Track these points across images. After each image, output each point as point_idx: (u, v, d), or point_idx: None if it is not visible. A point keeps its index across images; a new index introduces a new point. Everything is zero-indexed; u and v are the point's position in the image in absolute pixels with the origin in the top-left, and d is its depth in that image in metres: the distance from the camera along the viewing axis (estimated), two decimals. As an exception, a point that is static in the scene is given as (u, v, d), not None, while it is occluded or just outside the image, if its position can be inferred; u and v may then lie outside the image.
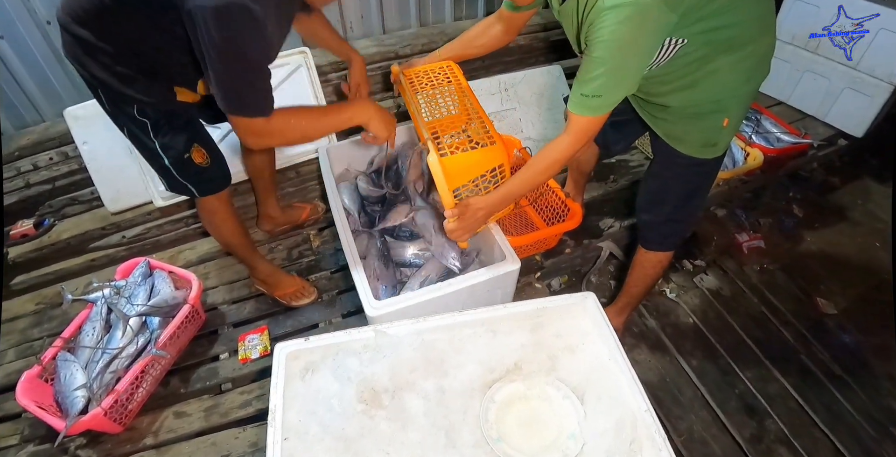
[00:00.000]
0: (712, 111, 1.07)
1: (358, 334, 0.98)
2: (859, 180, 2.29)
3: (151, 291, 1.43)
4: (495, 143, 1.17)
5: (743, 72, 1.02)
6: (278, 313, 1.56)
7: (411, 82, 1.36)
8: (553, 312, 1.06)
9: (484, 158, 1.15)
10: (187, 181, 1.22)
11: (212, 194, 1.27)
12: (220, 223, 1.35)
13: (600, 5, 0.85)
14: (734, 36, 0.97)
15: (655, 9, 0.84)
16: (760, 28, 1.00)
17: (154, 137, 1.12)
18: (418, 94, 1.34)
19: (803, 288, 1.73)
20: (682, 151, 1.14)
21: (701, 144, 1.12)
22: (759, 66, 1.05)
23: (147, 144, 1.14)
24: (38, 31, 1.63)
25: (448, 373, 0.97)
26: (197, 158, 1.18)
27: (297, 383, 0.94)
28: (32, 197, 1.78)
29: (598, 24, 0.86)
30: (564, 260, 1.70)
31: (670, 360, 1.50)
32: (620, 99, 0.96)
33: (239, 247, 1.43)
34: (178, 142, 1.15)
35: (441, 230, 1.38)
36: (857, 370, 1.48)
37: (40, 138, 1.76)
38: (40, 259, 1.74)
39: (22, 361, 1.51)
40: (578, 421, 0.92)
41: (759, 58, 1.03)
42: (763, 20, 1.01)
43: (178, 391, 1.39)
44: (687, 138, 1.13)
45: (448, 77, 1.36)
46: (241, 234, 1.40)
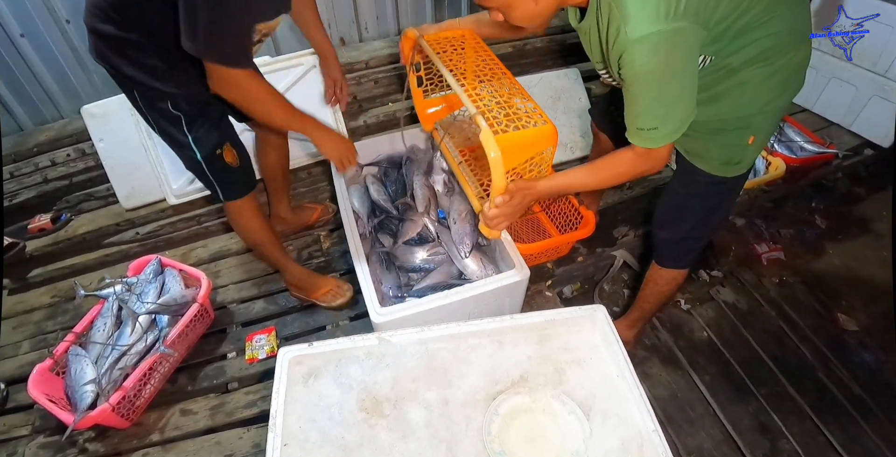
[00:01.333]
0: (738, 127, 1.01)
1: (361, 342, 0.97)
2: (885, 192, 2.20)
3: (162, 289, 1.44)
4: (546, 122, 1.06)
5: (774, 86, 0.96)
6: (286, 314, 1.56)
7: (437, 51, 1.22)
8: (561, 325, 1.04)
9: (537, 137, 1.05)
10: (215, 179, 1.23)
11: (237, 199, 1.28)
12: (247, 222, 1.34)
13: (625, 38, 0.80)
14: (767, 47, 0.91)
15: (685, 31, 0.79)
16: (795, 39, 0.94)
17: (188, 130, 1.13)
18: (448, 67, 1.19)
19: (824, 303, 1.67)
20: (702, 168, 1.08)
21: (723, 161, 1.06)
22: (791, 80, 0.98)
23: (180, 138, 1.15)
24: (58, 30, 1.66)
25: (451, 383, 0.96)
26: (228, 156, 1.20)
27: (298, 388, 0.93)
28: (50, 192, 1.81)
29: (629, 59, 0.81)
30: (576, 268, 1.67)
31: (682, 374, 1.46)
32: (682, 123, 0.90)
33: (267, 246, 1.41)
34: (212, 137, 1.16)
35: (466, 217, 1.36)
36: (878, 391, 1.42)
37: (58, 135, 1.80)
38: (57, 253, 1.78)
39: (35, 353, 1.54)
40: (584, 438, 0.89)
41: (791, 70, 0.96)
42: (798, 31, 0.94)
43: (185, 389, 1.40)
44: (708, 155, 1.07)
45: (475, 48, 1.24)
46: (268, 232, 1.39)
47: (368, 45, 2.01)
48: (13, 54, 1.65)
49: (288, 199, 1.71)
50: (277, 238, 1.44)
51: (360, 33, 2.04)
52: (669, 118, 0.89)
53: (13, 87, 1.72)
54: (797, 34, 0.94)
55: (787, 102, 1.02)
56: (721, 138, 1.03)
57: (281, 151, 1.55)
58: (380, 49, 1.99)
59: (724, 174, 1.07)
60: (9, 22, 1.58)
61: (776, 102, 0.99)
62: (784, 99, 1.00)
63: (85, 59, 1.74)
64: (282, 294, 1.61)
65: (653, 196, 1.93)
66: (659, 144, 0.92)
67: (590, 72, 2.22)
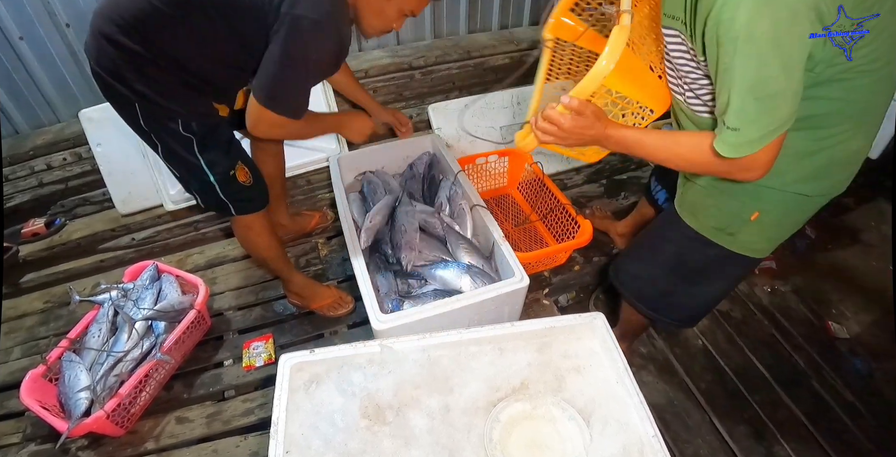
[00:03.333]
0: (746, 194, 0.86)
1: (363, 348, 0.97)
2: (873, 202, 2.25)
3: (158, 295, 1.43)
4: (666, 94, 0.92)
5: (809, 166, 0.79)
6: (284, 321, 1.55)
7: None
8: (561, 332, 1.05)
9: (656, 89, 0.92)
10: (228, 199, 1.19)
11: (250, 214, 1.26)
12: (255, 238, 1.32)
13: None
14: (830, 113, 0.75)
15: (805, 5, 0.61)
16: (857, 125, 0.77)
17: (200, 153, 1.10)
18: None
19: (815, 311, 1.70)
20: (688, 222, 0.97)
21: (715, 225, 0.93)
22: (827, 173, 0.80)
23: (190, 160, 1.11)
24: (57, 33, 1.66)
25: (453, 390, 0.96)
26: (241, 176, 1.18)
27: (300, 395, 0.93)
28: (45, 196, 1.80)
29: (728, 13, 0.61)
30: (573, 277, 1.69)
31: (678, 382, 1.47)
32: (776, 128, 0.68)
33: (273, 261, 1.40)
34: (225, 158, 1.14)
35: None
36: (870, 398, 1.44)
37: (55, 139, 1.79)
38: (50, 258, 1.76)
39: (27, 359, 1.51)
40: (584, 444, 0.90)
41: (832, 161, 0.79)
42: (867, 118, 0.77)
43: (180, 396, 1.38)
44: (701, 214, 0.95)
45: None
46: (276, 248, 1.38)
47: (368, 54, 2.03)
48: (11, 57, 1.64)
49: (286, 205, 1.71)
50: (284, 251, 1.44)
51: (359, 43, 2.06)
52: (760, 118, 0.67)
53: (10, 91, 1.71)
54: (865, 120, 0.78)
55: (813, 198, 0.84)
56: (722, 199, 0.90)
57: (277, 159, 1.55)
58: (379, 58, 2.01)
59: (712, 238, 0.94)
60: (7, 25, 1.58)
61: (805, 187, 0.82)
62: (811, 187, 0.82)
63: (84, 63, 1.73)
64: (279, 301, 1.61)
65: (648, 205, 1.96)
66: (736, 153, 0.70)
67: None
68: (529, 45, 2.19)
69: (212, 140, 1.11)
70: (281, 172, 1.61)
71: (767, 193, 0.85)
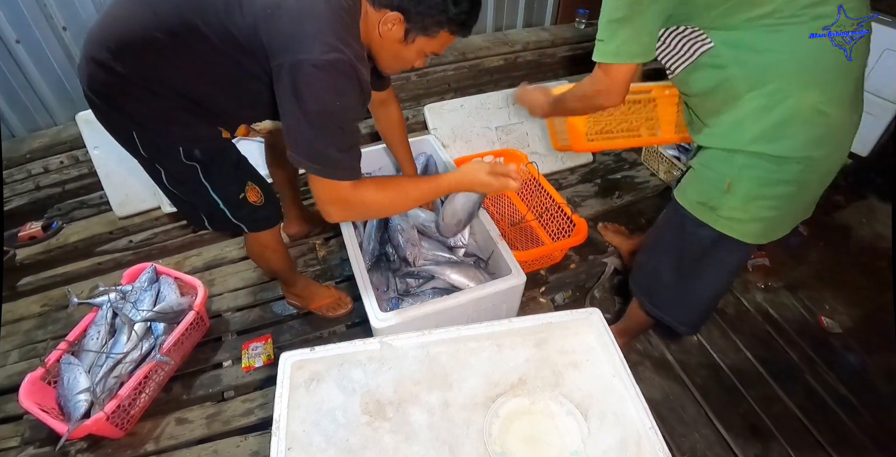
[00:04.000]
0: (721, 164, 0.95)
1: (363, 346, 0.98)
2: (864, 200, 2.29)
3: (157, 297, 1.44)
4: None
5: (766, 125, 0.87)
6: (282, 322, 1.56)
7: None
8: (558, 328, 1.06)
9: None
10: (240, 221, 1.14)
11: (265, 231, 1.21)
12: (270, 255, 1.30)
13: None
14: (767, 67, 0.85)
15: None
16: (805, 77, 0.84)
17: (206, 180, 1.04)
18: None
19: (808, 307, 1.72)
20: (679, 200, 1.05)
21: (699, 200, 1.00)
22: (793, 131, 0.86)
23: (197, 188, 1.05)
24: (54, 37, 1.67)
25: (452, 386, 0.97)
26: (252, 196, 1.11)
27: (301, 392, 0.94)
28: (42, 199, 1.80)
29: None
30: (569, 275, 1.71)
31: (674, 378, 1.49)
32: (625, 46, 0.90)
33: (283, 271, 1.40)
34: (233, 183, 1.08)
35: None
36: (863, 391, 1.46)
37: (52, 142, 1.79)
38: (47, 261, 1.76)
39: (25, 362, 1.51)
40: (582, 438, 0.91)
41: (789, 115, 0.85)
42: (812, 69, 0.84)
43: (180, 398, 1.39)
44: (689, 190, 1.03)
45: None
46: (287, 262, 1.37)
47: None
48: (8, 61, 1.65)
49: (299, 206, 1.72)
50: (291, 259, 1.42)
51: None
52: (611, 36, 0.90)
53: (7, 94, 1.71)
54: (810, 75, 0.85)
55: (775, 154, 0.88)
56: (702, 172, 0.99)
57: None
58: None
59: (700, 216, 1.01)
60: (4, 28, 1.58)
61: (762, 146, 0.88)
62: (775, 148, 0.88)
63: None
64: (278, 302, 1.61)
65: (641, 204, 1.98)
66: (599, 58, 0.94)
67: (580, 83, 2.29)
68: (523, 47, 2.21)
69: (217, 165, 1.04)
70: (295, 176, 1.61)
71: (734, 157, 0.92)
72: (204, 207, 1.11)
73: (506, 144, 2.01)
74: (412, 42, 0.93)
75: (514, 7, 2.32)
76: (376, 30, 0.91)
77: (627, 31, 0.89)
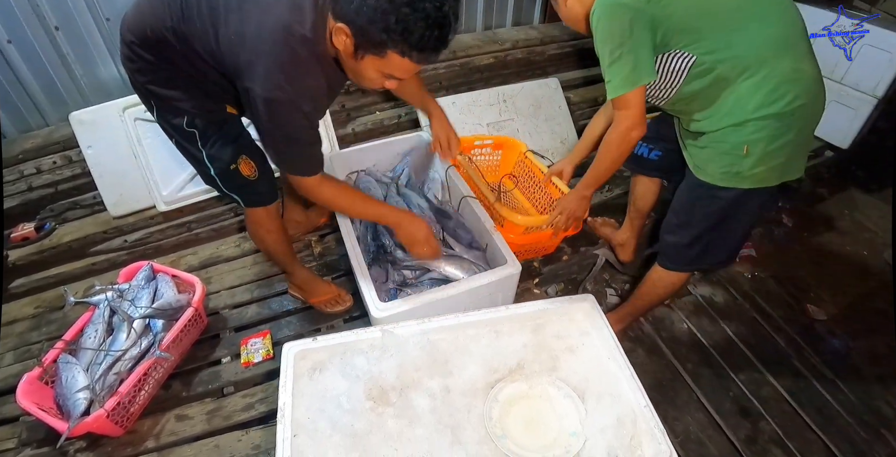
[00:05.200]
0: (733, 135, 1.07)
1: (365, 334, 1.01)
2: (846, 191, 2.35)
3: (155, 294, 1.44)
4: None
5: (764, 93, 1.02)
6: (280, 318, 1.57)
7: None
8: (553, 314, 1.09)
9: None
10: (232, 192, 1.23)
11: (259, 207, 1.28)
12: (264, 234, 1.35)
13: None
14: (743, 55, 1.02)
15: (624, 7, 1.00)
16: (775, 51, 1.03)
17: (202, 147, 1.14)
18: None
19: (794, 295, 1.77)
20: (704, 180, 1.15)
21: (722, 171, 1.12)
22: (784, 89, 1.02)
23: (195, 153, 1.16)
24: (46, 37, 1.66)
25: (452, 372, 0.99)
26: (245, 169, 1.19)
27: (305, 381, 0.96)
28: (34, 200, 1.78)
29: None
30: (561, 267, 1.74)
31: (666, 364, 1.53)
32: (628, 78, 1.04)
33: (280, 256, 1.43)
34: (225, 153, 1.16)
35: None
36: (848, 374, 1.51)
37: (44, 142, 1.78)
38: (41, 262, 1.74)
39: (20, 364, 1.50)
40: (580, 419, 0.94)
41: (781, 79, 1.02)
42: (775, 43, 1.03)
43: (179, 395, 1.39)
44: (709, 167, 1.14)
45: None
46: (284, 244, 1.40)
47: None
48: (-1, 61, 1.64)
49: (302, 202, 1.74)
50: (291, 247, 1.46)
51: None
52: (620, 72, 1.04)
53: (-3, 94, 1.70)
54: (775, 44, 1.03)
55: (783, 116, 1.04)
56: (719, 148, 1.11)
57: None
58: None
59: (725, 184, 1.12)
60: (-5, 28, 1.58)
61: (767, 110, 1.03)
62: (776, 107, 1.03)
63: (73, 66, 1.74)
64: (275, 298, 1.62)
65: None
66: (615, 92, 1.07)
67: (568, 81, 2.33)
68: (513, 45, 2.25)
69: (215, 134, 1.14)
70: None
71: (744, 127, 1.06)
72: (201, 175, 1.23)
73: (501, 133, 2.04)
74: (361, 59, 0.89)
75: (502, 6, 2.35)
76: (333, 42, 0.91)
77: (628, 61, 1.03)
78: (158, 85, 1.06)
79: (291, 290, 1.58)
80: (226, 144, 1.15)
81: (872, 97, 2.11)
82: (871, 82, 2.08)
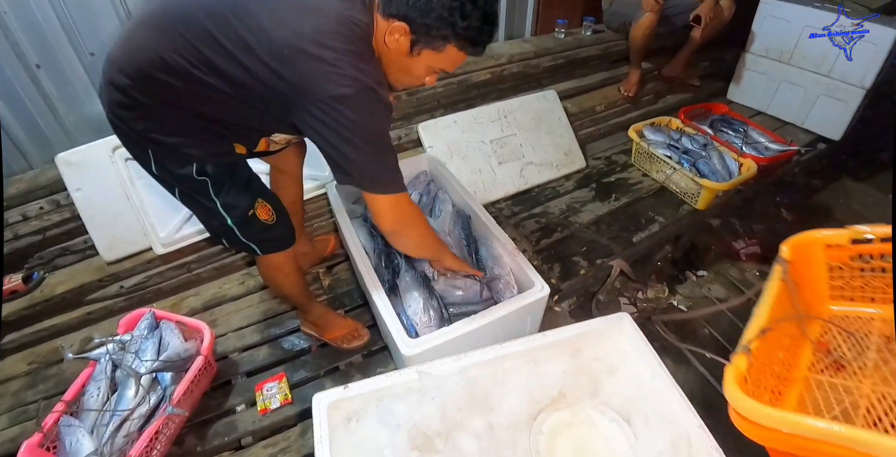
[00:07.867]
0: None
1: (399, 377, 0.95)
2: (839, 181, 2.40)
3: (160, 345, 1.36)
4: None
5: None
6: (294, 358, 1.49)
7: None
8: (590, 336, 1.06)
9: None
10: (250, 240, 1.14)
11: (277, 252, 1.20)
12: (282, 279, 1.27)
13: None
14: None
15: None
16: None
17: (216, 196, 1.05)
18: None
19: (807, 290, 1.77)
20: None
21: None
22: None
23: (206, 204, 1.06)
24: (27, 75, 1.59)
25: (493, 408, 0.95)
26: (262, 214, 1.11)
27: (341, 433, 0.90)
28: (21, 249, 1.69)
29: None
30: (579, 282, 1.71)
31: (694, 372, 1.50)
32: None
33: (298, 297, 1.37)
34: (243, 199, 1.07)
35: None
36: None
37: (29, 187, 1.69)
38: (32, 316, 1.64)
39: (17, 427, 1.40)
40: (630, 444, 0.91)
41: None
42: None
43: (194, 450, 1.30)
44: None
45: None
46: (301, 284, 1.34)
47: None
48: (-24, 103, 1.56)
49: (305, 232, 1.67)
50: (307, 285, 1.39)
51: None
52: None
53: (-25, 139, 1.62)
54: None
55: None
56: None
57: (298, 185, 1.50)
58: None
59: None
60: (-28, 68, 1.50)
61: None
62: None
63: (56, 104, 1.66)
64: (287, 337, 1.55)
65: (638, 204, 2.00)
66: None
67: (564, 92, 2.33)
68: (508, 60, 2.25)
69: (228, 181, 1.05)
70: (300, 198, 1.56)
71: None
72: (216, 225, 1.11)
73: (501, 156, 2.01)
74: (418, 55, 0.91)
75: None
76: (384, 41, 0.91)
77: None
78: (162, 131, 0.95)
79: (304, 327, 1.51)
80: (240, 189, 1.07)
81: (860, 88, 2.16)
82: (859, 74, 2.13)
